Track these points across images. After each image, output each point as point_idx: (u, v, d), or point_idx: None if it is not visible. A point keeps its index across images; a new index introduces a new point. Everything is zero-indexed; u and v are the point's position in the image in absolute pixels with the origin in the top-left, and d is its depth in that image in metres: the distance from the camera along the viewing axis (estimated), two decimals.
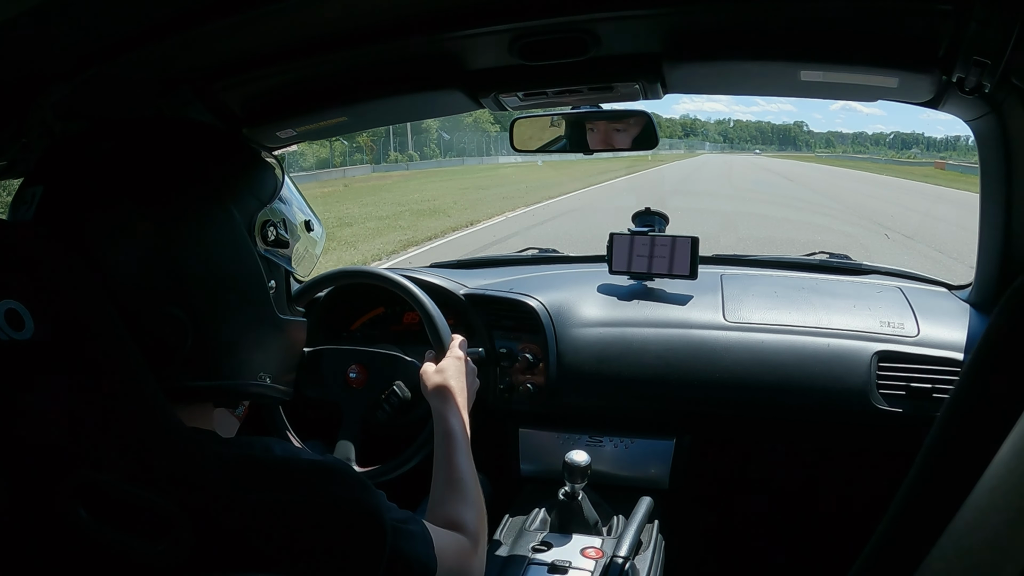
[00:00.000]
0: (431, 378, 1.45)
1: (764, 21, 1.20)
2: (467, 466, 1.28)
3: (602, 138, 1.71)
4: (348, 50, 1.22)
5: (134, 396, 0.68)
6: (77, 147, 0.80)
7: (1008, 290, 0.57)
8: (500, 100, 1.43)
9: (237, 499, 0.73)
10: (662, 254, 1.94)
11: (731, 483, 2.05)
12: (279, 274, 0.90)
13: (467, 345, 1.56)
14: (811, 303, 1.85)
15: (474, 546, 1.13)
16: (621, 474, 1.88)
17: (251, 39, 1.16)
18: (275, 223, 0.87)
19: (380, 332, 2.06)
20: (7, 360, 0.63)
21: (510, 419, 1.95)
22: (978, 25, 1.05)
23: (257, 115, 1.47)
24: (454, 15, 1.15)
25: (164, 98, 1.26)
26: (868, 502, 1.32)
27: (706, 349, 1.77)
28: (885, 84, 1.28)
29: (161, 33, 0.99)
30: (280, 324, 0.90)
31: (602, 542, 1.59)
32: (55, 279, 0.66)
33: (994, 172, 1.54)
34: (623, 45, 1.26)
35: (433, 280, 1.92)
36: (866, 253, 9.77)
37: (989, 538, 0.45)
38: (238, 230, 0.82)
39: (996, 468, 0.46)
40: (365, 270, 1.70)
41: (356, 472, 0.86)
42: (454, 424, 1.33)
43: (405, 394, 1.67)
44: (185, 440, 0.72)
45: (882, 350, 1.67)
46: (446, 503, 1.19)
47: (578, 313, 1.91)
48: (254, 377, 0.88)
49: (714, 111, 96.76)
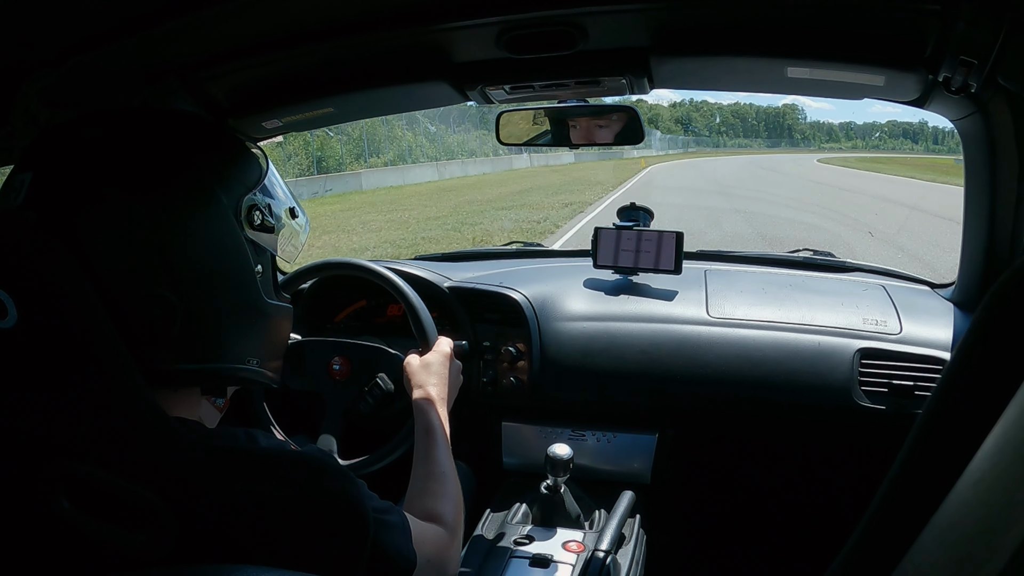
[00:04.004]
0: (415, 373, 1.46)
1: (751, 17, 1.20)
2: (446, 460, 1.30)
3: (584, 133, 1.71)
4: (334, 41, 1.21)
5: (117, 386, 0.68)
6: (67, 135, 0.79)
7: (991, 288, 0.57)
8: (487, 93, 1.43)
9: (221, 490, 0.73)
10: (647, 249, 1.94)
11: (713, 478, 2.06)
12: (265, 259, 0.90)
13: (451, 341, 1.56)
14: (794, 300, 1.85)
15: (451, 538, 1.14)
16: (603, 468, 1.88)
17: (237, 29, 1.15)
18: (260, 207, 0.88)
19: (364, 324, 2.06)
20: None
21: (493, 412, 1.95)
22: (965, 25, 1.05)
23: (243, 105, 1.46)
24: (441, 7, 1.14)
25: (149, 87, 1.25)
26: (850, 498, 1.33)
27: (689, 344, 1.78)
28: (872, 82, 1.28)
29: (146, 22, 0.98)
30: (267, 309, 0.91)
31: (584, 536, 1.59)
32: (39, 267, 0.65)
33: (979, 171, 1.55)
34: (610, 39, 1.26)
35: (417, 272, 1.91)
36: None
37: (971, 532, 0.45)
38: (225, 214, 0.82)
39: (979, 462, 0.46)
40: (350, 262, 1.69)
41: (339, 464, 0.86)
42: (434, 419, 1.35)
43: (388, 386, 1.67)
44: (168, 430, 0.72)
45: (865, 347, 1.68)
46: (425, 496, 1.21)
47: (562, 307, 1.91)
48: (242, 361, 0.88)
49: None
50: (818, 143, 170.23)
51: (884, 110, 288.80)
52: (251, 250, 0.86)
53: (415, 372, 1.46)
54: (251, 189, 0.87)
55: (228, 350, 0.86)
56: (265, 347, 0.92)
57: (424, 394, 1.41)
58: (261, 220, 0.88)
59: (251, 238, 0.86)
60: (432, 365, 1.47)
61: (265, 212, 0.89)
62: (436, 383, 1.44)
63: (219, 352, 0.85)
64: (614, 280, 2.03)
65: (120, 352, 0.69)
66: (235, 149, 0.89)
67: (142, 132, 0.81)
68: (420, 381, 1.44)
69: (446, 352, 1.51)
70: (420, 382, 1.44)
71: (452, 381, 1.49)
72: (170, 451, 0.71)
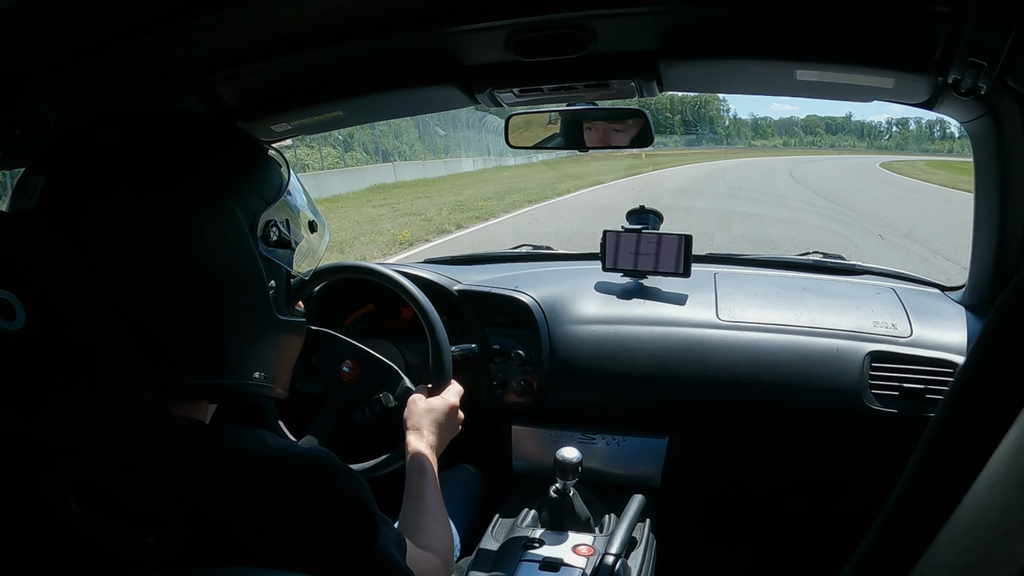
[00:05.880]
0: (417, 413, 1.48)
1: (760, 20, 1.19)
2: (439, 507, 1.31)
3: (600, 136, 1.71)
4: (343, 44, 1.21)
5: (125, 387, 0.67)
6: (80, 138, 0.79)
7: (1004, 291, 0.57)
8: (495, 96, 1.42)
9: (230, 491, 0.73)
10: (656, 252, 1.94)
11: (723, 482, 2.05)
12: (280, 274, 0.89)
13: (461, 390, 1.60)
14: (804, 302, 1.85)
15: (445, 569, 1.17)
16: (613, 472, 1.88)
17: (246, 32, 1.16)
18: (278, 223, 0.86)
19: (373, 328, 2.05)
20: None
21: (503, 415, 1.95)
22: (974, 27, 1.05)
23: (252, 108, 1.46)
24: (449, 10, 1.14)
25: (158, 90, 1.26)
26: (861, 502, 1.32)
27: (699, 348, 1.77)
28: (881, 84, 1.28)
29: (155, 25, 0.98)
30: (278, 324, 0.90)
31: (594, 540, 1.58)
32: (48, 270, 0.65)
33: (989, 174, 1.55)
34: (619, 42, 1.25)
35: (427, 276, 1.92)
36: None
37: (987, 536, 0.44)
38: (239, 228, 0.81)
39: (994, 466, 0.46)
40: (367, 266, 1.68)
41: (348, 466, 0.86)
42: (427, 463, 1.37)
43: (389, 405, 1.67)
44: (176, 431, 0.71)
45: (875, 350, 1.68)
46: (418, 529, 1.23)
47: (572, 310, 1.91)
48: (249, 376, 0.87)
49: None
50: (747, 140, 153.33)
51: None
52: (265, 266, 0.85)
53: (418, 412, 1.48)
54: (269, 202, 0.86)
55: (236, 366, 0.85)
56: (275, 363, 0.91)
57: (419, 437, 1.43)
58: (278, 236, 0.86)
59: (266, 255, 0.85)
60: (435, 411, 1.48)
61: (283, 228, 0.87)
62: (434, 431, 1.46)
63: (227, 368, 0.84)
64: (623, 283, 2.03)
65: (128, 353, 0.69)
66: (251, 157, 0.88)
67: (153, 135, 0.81)
68: (419, 423, 1.46)
69: (452, 403, 1.53)
70: (418, 424, 1.46)
71: (449, 432, 1.51)
72: (178, 452, 0.71)
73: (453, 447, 1.54)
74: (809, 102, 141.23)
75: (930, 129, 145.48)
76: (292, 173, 0.93)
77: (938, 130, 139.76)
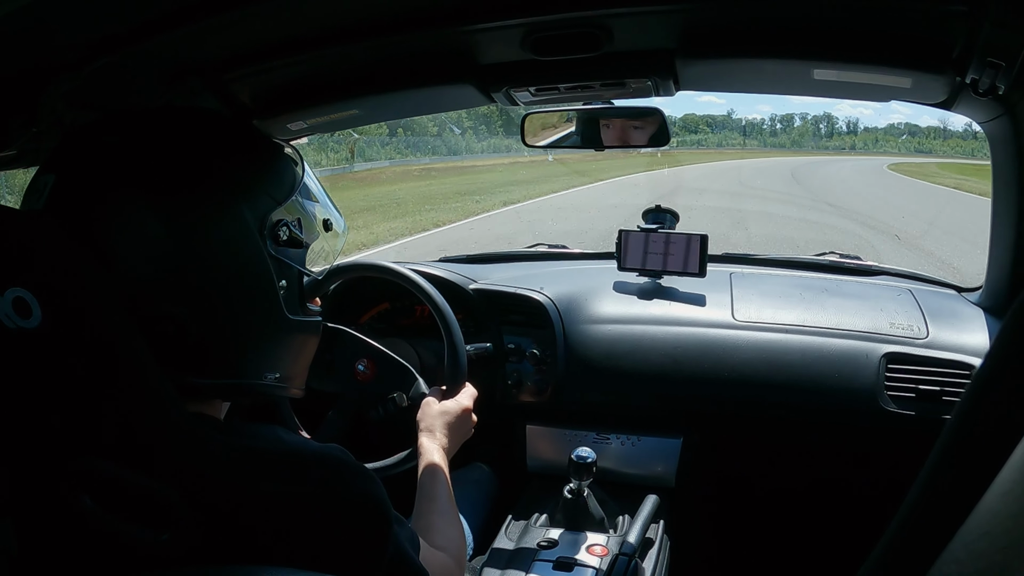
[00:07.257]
0: (431, 415, 1.47)
1: (778, 19, 1.19)
2: (451, 508, 1.31)
3: (617, 134, 1.70)
4: (359, 42, 1.21)
5: (139, 384, 0.68)
6: (90, 137, 0.79)
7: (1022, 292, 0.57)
8: (512, 95, 1.42)
9: (245, 489, 0.73)
10: (671, 251, 1.94)
11: (738, 482, 2.04)
12: (291, 274, 0.88)
13: (475, 393, 1.58)
14: (820, 303, 1.84)
15: (458, 569, 1.16)
16: (627, 471, 1.87)
17: (261, 30, 1.16)
18: (289, 222, 0.85)
19: (389, 326, 2.06)
20: (14, 348, 0.63)
21: (518, 415, 1.95)
22: (993, 26, 1.04)
23: (267, 107, 1.46)
24: (466, 9, 1.14)
25: (174, 89, 1.26)
26: (876, 503, 1.31)
27: (715, 347, 1.77)
28: (898, 84, 1.27)
29: (171, 23, 0.99)
30: (290, 325, 0.89)
31: (608, 539, 1.58)
32: (63, 268, 0.65)
33: (1007, 175, 1.53)
34: (636, 41, 1.25)
35: (442, 274, 1.92)
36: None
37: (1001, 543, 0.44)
38: (246, 228, 0.81)
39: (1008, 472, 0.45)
40: (384, 265, 1.67)
41: (363, 464, 0.86)
42: (439, 465, 1.36)
43: (402, 405, 1.67)
44: (190, 428, 0.72)
45: (891, 352, 1.67)
46: (431, 530, 1.22)
47: (587, 309, 1.91)
48: (261, 377, 0.87)
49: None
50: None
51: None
52: (275, 266, 0.84)
53: (432, 414, 1.47)
54: (280, 202, 0.85)
55: (246, 366, 0.85)
56: (288, 363, 0.91)
57: (432, 439, 1.42)
58: (288, 235, 0.85)
59: (275, 255, 0.84)
60: (448, 414, 1.48)
61: (294, 227, 0.86)
62: (447, 433, 1.45)
63: (236, 368, 0.84)
64: (639, 283, 2.03)
65: (142, 350, 0.69)
66: (262, 155, 0.88)
67: (160, 135, 0.81)
68: (432, 425, 1.45)
69: (466, 406, 1.52)
70: (431, 426, 1.45)
71: (461, 435, 1.50)
72: (192, 449, 0.71)
73: (467, 446, 1.53)
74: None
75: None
76: (308, 171, 0.92)
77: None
